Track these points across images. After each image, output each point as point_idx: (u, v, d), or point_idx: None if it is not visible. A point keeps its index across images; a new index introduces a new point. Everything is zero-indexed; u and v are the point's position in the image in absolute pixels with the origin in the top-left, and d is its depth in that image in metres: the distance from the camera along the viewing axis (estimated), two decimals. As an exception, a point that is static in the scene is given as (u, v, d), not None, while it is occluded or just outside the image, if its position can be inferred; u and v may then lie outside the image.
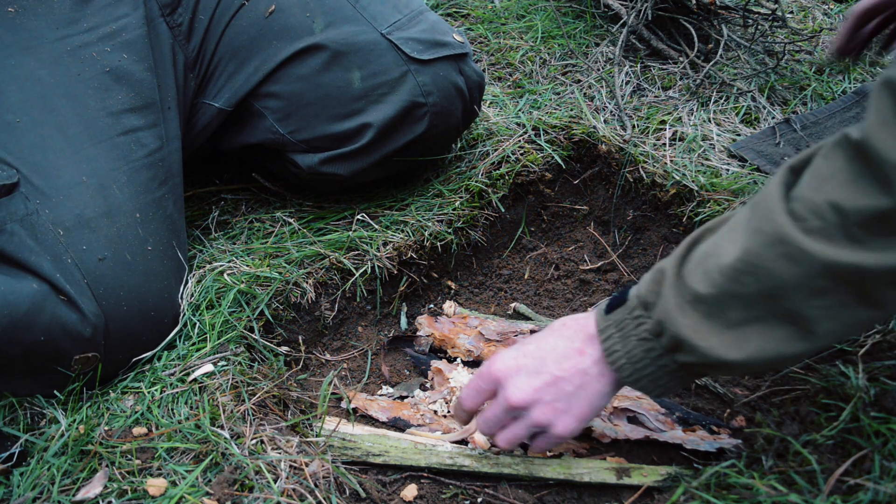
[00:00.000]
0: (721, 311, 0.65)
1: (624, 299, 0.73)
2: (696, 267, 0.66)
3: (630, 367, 0.71)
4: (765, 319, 0.64)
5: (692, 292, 0.66)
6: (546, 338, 0.78)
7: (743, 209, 0.67)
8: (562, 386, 0.75)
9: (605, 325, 0.73)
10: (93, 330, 0.82)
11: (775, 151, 1.29)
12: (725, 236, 0.66)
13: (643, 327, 0.70)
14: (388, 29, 1.04)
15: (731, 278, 0.63)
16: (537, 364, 0.76)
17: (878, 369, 0.82)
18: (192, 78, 1.05)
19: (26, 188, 0.85)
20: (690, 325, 0.66)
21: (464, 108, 1.12)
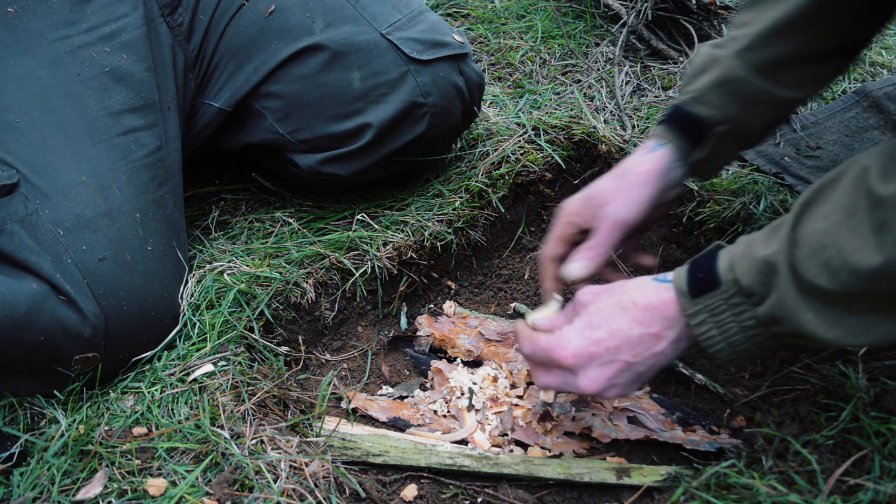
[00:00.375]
0: (846, 303, 0.63)
1: (715, 283, 0.70)
2: (812, 257, 0.63)
3: (729, 349, 0.71)
4: (892, 313, 0.62)
5: (810, 285, 0.63)
6: (617, 319, 0.75)
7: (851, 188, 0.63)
8: (635, 369, 0.76)
9: (695, 310, 0.71)
10: (93, 330, 0.82)
11: (775, 151, 1.29)
12: (846, 229, 0.62)
13: (746, 315, 0.68)
14: (388, 29, 1.04)
15: (865, 281, 0.60)
16: (610, 353, 0.75)
17: (878, 369, 0.82)
18: (192, 78, 1.05)
19: (26, 188, 0.85)
20: (812, 320, 0.64)
21: (464, 109, 1.12)
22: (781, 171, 1.22)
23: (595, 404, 0.96)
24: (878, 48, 1.66)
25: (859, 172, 0.62)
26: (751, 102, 0.87)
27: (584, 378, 0.76)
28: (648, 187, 0.88)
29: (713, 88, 0.88)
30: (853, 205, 0.62)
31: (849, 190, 0.63)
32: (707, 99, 0.88)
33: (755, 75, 0.86)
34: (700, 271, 0.71)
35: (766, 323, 0.68)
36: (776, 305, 0.66)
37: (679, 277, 0.73)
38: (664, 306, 0.74)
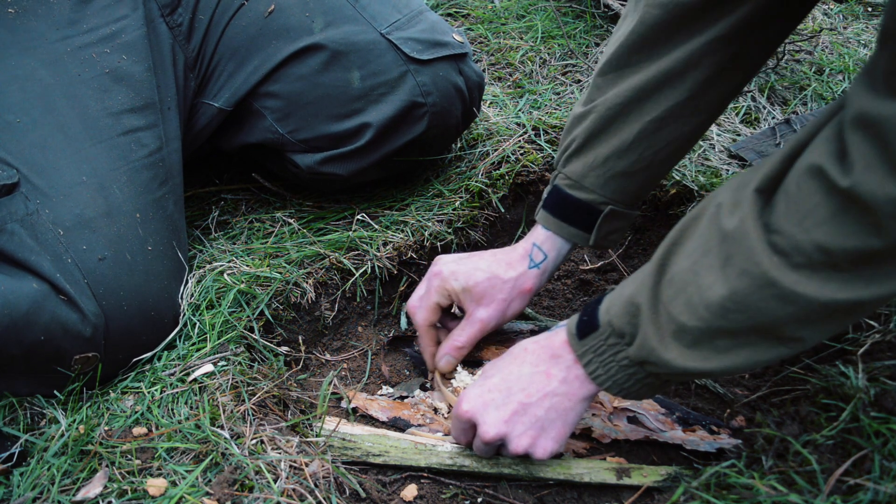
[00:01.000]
0: (708, 340, 0.65)
1: (594, 325, 0.73)
2: (676, 297, 0.66)
3: (617, 387, 0.73)
4: (754, 343, 0.64)
5: (676, 323, 0.66)
6: (508, 366, 0.80)
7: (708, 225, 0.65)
8: (532, 412, 0.77)
9: (583, 351, 0.75)
10: (93, 330, 0.82)
11: (775, 152, 1.29)
12: (702, 266, 0.64)
13: (622, 355, 0.72)
14: (388, 29, 1.04)
15: (718, 315, 0.63)
16: (503, 396, 0.78)
17: (878, 369, 0.82)
18: (193, 78, 1.05)
19: (26, 188, 0.85)
20: (677, 357, 0.66)
21: (463, 109, 1.12)
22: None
23: (595, 405, 0.96)
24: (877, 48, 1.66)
25: (715, 209, 0.65)
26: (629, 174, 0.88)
27: (484, 425, 0.78)
28: (522, 302, 0.94)
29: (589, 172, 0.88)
30: (708, 242, 0.64)
31: (706, 228, 0.65)
32: (585, 185, 0.89)
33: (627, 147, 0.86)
34: (586, 314, 0.75)
35: (638, 362, 0.71)
36: (642, 346, 0.69)
37: (571, 321, 0.77)
38: (550, 346, 0.78)
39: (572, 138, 0.90)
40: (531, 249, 0.93)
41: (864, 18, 1.87)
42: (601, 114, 0.87)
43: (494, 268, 0.92)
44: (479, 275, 0.92)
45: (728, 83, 0.84)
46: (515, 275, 0.92)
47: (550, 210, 0.93)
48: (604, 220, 0.90)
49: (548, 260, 0.93)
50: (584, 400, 0.77)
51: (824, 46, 1.67)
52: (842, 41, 1.72)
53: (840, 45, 1.69)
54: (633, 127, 0.85)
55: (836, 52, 1.66)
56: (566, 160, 0.91)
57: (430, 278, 0.96)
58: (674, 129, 0.86)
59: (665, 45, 0.81)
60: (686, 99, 0.83)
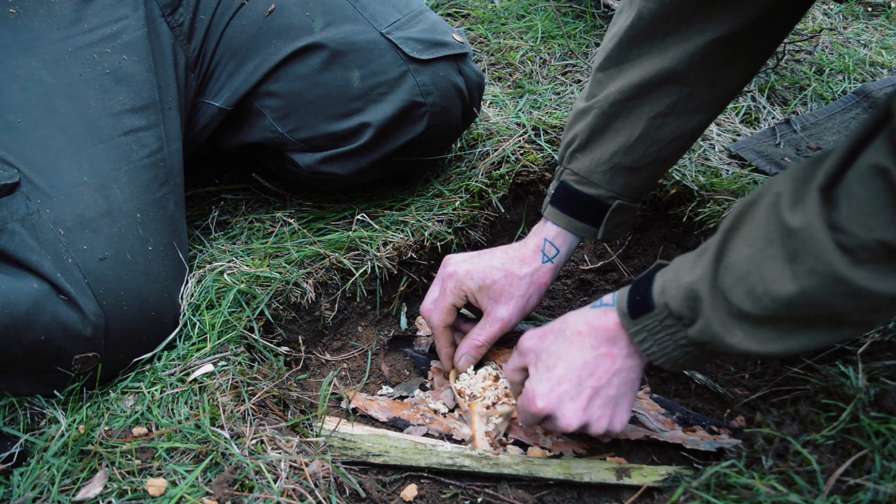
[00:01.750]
0: (772, 325, 0.66)
1: (649, 306, 0.74)
2: (737, 285, 0.67)
3: (671, 363, 0.75)
4: (817, 327, 0.65)
5: (737, 310, 0.67)
6: (568, 352, 0.80)
7: (767, 215, 0.65)
8: (605, 393, 0.79)
9: (636, 330, 0.75)
10: (93, 329, 0.82)
11: (775, 152, 1.29)
12: (765, 257, 0.65)
13: (679, 335, 0.73)
14: (388, 28, 1.04)
15: (785, 307, 0.64)
16: (574, 386, 0.79)
17: (878, 369, 0.82)
18: (194, 78, 1.05)
19: (27, 188, 0.85)
20: (741, 341, 0.68)
21: (463, 109, 1.12)
22: (781, 172, 1.22)
23: None
24: (877, 48, 1.66)
25: (774, 199, 0.65)
26: (634, 169, 0.89)
27: (563, 419, 0.79)
28: (539, 297, 0.96)
29: (595, 168, 0.90)
30: (769, 233, 0.65)
31: (765, 217, 0.66)
32: (593, 180, 0.90)
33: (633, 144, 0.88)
34: (637, 294, 0.76)
35: (697, 343, 0.72)
36: (704, 330, 0.70)
37: (621, 299, 0.78)
38: (605, 328, 0.79)
39: (575, 134, 0.91)
40: (543, 245, 0.94)
41: (864, 18, 1.87)
42: (604, 109, 0.87)
43: (509, 265, 0.93)
44: (495, 273, 0.93)
45: (730, 80, 0.85)
46: (531, 270, 0.93)
47: (559, 206, 0.93)
48: (612, 214, 0.92)
49: (560, 254, 0.94)
50: (641, 370, 0.79)
51: (824, 46, 1.67)
52: (842, 41, 1.72)
53: (840, 45, 1.69)
54: (637, 123, 0.86)
55: (836, 52, 1.66)
56: (571, 156, 0.92)
57: (443, 280, 0.96)
58: (678, 125, 0.86)
59: (664, 41, 0.82)
60: (689, 95, 0.84)
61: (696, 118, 0.86)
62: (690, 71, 0.82)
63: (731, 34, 0.79)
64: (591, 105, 0.89)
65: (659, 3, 0.80)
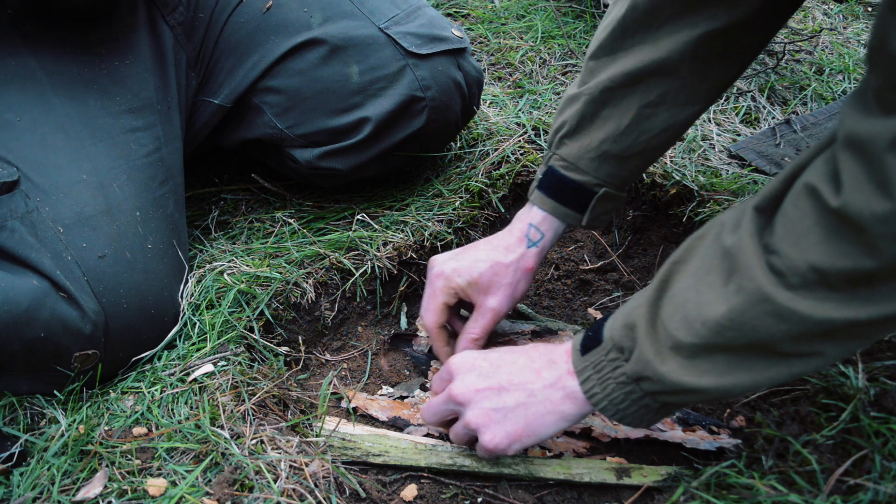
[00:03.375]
0: (706, 356, 0.64)
1: (598, 339, 0.72)
2: (674, 313, 0.65)
3: (613, 407, 0.71)
4: (750, 359, 0.63)
5: (672, 339, 0.65)
6: (512, 353, 0.81)
7: (710, 244, 0.65)
8: (503, 396, 0.77)
9: (583, 367, 0.73)
10: (93, 327, 0.82)
11: (775, 152, 1.29)
12: (703, 284, 0.64)
13: (619, 371, 0.70)
14: (387, 23, 1.04)
15: (715, 332, 0.62)
16: (491, 370, 0.79)
17: (878, 369, 0.82)
18: (194, 76, 1.05)
19: (27, 186, 0.85)
20: (673, 370, 0.65)
21: (463, 104, 1.12)
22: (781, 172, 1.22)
23: None
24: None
25: (718, 228, 0.65)
26: (622, 157, 0.89)
27: (459, 382, 0.79)
28: (527, 282, 0.95)
29: (584, 154, 0.89)
30: (711, 260, 0.64)
31: (709, 246, 0.65)
32: (581, 167, 0.90)
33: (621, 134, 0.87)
34: (592, 330, 0.75)
35: (635, 378, 0.69)
36: (638, 359, 0.68)
37: (577, 337, 0.77)
38: (550, 351, 0.78)
39: (564, 120, 0.91)
40: (527, 230, 0.94)
41: (864, 18, 1.87)
42: (594, 96, 0.87)
43: (494, 255, 0.93)
44: (481, 265, 0.93)
45: (722, 73, 0.84)
46: (516, 257, 0.93)
47: (545, 191, 0.93)
48: (597, 201, 0.91)
49: (545, 238, 0.94)
50: (560, 414, 0.75)
51: (824, 46, 1.67)
52: (842, 41, 1.72)
53: (840, 45, 1.69)
54: (627, 112, 0.86)
55: (836, 52, 1.66)
56: (559, 141, 0.92)
57: (432, 281, 0.96)
58: (668, 116, 0.86)
59: (658, 31, 0.81)
60: (680, 86, 0.83)
61: (686, 110, 0.86)
62: (683, 63, 0.81)
63: (726, 28, 0.78)
64: (582, 92, 0.88)
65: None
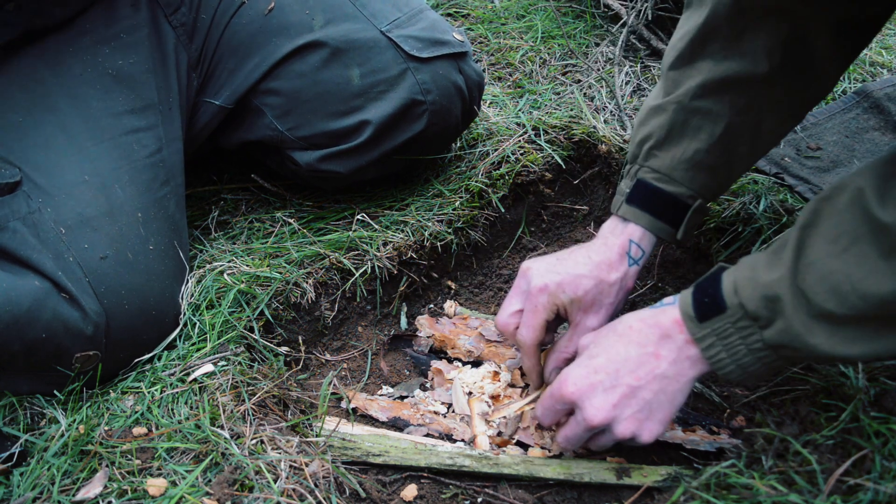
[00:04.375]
0: (856, 323, 0.64)
1: (720, 307, 0.70)
2: (819, 282, 0.64)
3: (739, 370, 0.71)
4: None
5: (819, 309, 0.64)
6: (614, 345, 0.77)
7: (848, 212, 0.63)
8: (641, 395, 0.75)
9: (703, 334, 0.72)
10: (94, 328, 0.82)
11: (775, 152, 1.29)
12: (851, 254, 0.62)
13: (753, 338, 0.69)
14: (388, 27, 1.04)
15: (877, 306, 0.62)
16: (611, 378, 0.75)
17: (878, 369, 0.82)
18: (195, 77, 1.05)
19: (28, 187, 0.85)
20: (823, 342, 0.65)
21: (463, 107, 1.12)
22: (781, 172, 1.22)
23: None
24: (878, 48, 1.66)
25: (854, 194, 0.63)
26: (714, 168, 0.87)
27: (590, 408, 0.76)
28: (624, 301, 0.92)
29: (677, 165, 0.88)
30: (855, 230, 0.63)
31: (848, 213, 0.64)
32: (675, 178, 0.88)
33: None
34: (705, 296, 0.72)
35: (774, 346, 0.69)
36: (783, 331, 0.67)
37: (685, 302, 0.74)
38: (659, 324, 0.75)
39: (650, 131, 0.89)
40: (629, 247, 0.90)
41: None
42: (683, 105, 0.85)
43: (598, 272, 0.88)
44: (586, 282, 0.88)
45: (808, 86, 0.83)
46: (620, 276, 0.89)
47: (639, 205, 0.89)
48: (693, 214, 0.89)
49: (644, 256, 0.91)
50: (692, 381, 0.75)
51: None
52: (842, 41, 1.72)
53: (840, 45, 1.69)
54: (719, 120, 0.84)
55: (835, 53, 1.66)
56: (648, 153, 0.89)
57: (532, 294, 0.89)
58: (756, 125, 0.84)
59: (740, 38, 0.80)
60: (769, 93, 0.82)
61: (774, 119, 0.84)
62: (771, 72, 0.80)
63: (805, 41, 0.76)
64: (668, 101, 0.86)
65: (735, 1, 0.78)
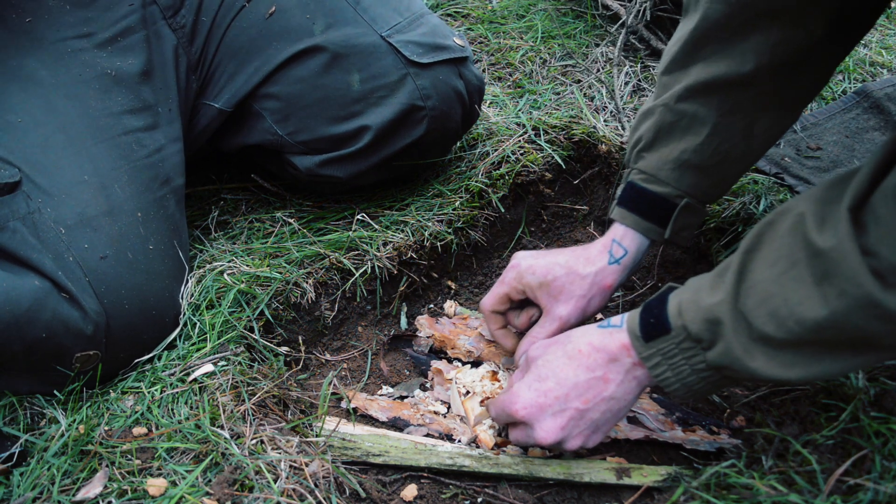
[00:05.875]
0: (794, 348, 0.64)
1: (665, 328, 0.72)
2: (759, 307, 0.65)
3: (684, 389, 0.73)
4: (841, 351, 0.63)
5: (759, 333, 0.65)
6: (563, 369, 0.79)
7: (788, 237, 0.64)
8: (588, 416, 0.78)
9: (649, 354, 0.74)
10: (94, 327, 0.82)
11: (775, 152, 1.29)
12: (789, 279, 0.63)
13: (697, 359, 0.71)
14: (389, 32, 1.04)
15: (813, 330, 0.62)
16: (560, 402, 0.78)
17: (878, 369, 0.82)
18: (195, 80, 1.05)
19: (28, 187, 0.85)
20: (762, 365, 0.66)
21: (463, 112, 1.12)
22: (781, 172, 1.22)
23: None
24: (878, 48, 1.66)
25: (796, 219, 0.64)
26: (703, 168, 0.88)
27: (540, 430, 0.79)
28: (602, 299, 0.93)
29: (663, 165, 0.89)
30: (793, 254, 0.63)
31: (788, 237, 0.64)
32: (661, 178, 0.89)
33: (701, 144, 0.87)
34: (651, 316, 0.74)
35: (716, 367, 0.70)
36: (724, 353, 0.68)
37: (632, 322, 0.76)
38: (607, 349, 0.77)
39: (640, 134, 0.90)
40: (610, 245, 0.92)
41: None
42: (670, 107, 0.87)
43: (573, 263, 0.91)
44: (557, 270, 0.91)
45: (799, 83, 0.83)
46: (594, 270, 0.91)
47: (626, 206, 0.92)
48: (679, 213, 0.90)
49: (628, 255, 0.92)
50: (636, 396, 0.78)
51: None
52: (841, 41, 1.72)
53: (840, 45, 1.69)
54: (705, 121, 0.85)
55: (835, 53, 1.66)
56: (637, 155, 0.91)
57: (505, 271, 0.96)
58: (747, 125, 0.85)
59: (730, 41, 0.81)
60: (757, 96, 0.83)
61: (766, 121, 0.85)
62: (758, 73, 0.81)
63: (797, 40, 0.77)
64: (657, 105, 0.88)
65: (725, 4, 0.79)
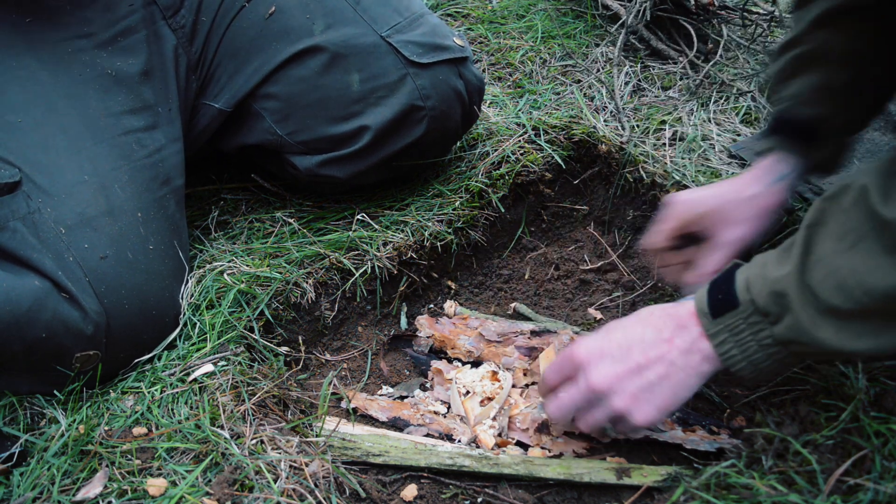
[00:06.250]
0: (862, 318, 0.65)
1: (733, 303, 0.72)
2: (826, 279, 0.65)
3: (751, 367, 0.72)
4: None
5: (826, 304, 0.65)
6: (633, 326, 0.79)
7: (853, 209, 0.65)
8: (645, 375, 0.76)
9: (716, 330, 0.73)
10: (94, 328, 0.82)
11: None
12: (856, 251, 0.64)
13: (764, 333, 0.70)
14: (388, 32, 1.04)
15: (881, 300, 0.62)
16: (622, 352, 0.77)
17: (878, 369, 0.82)
18: (195, 80, 1.05)
19: (28, 187, 0.85)
20: (830, 337, 0.66)
21: (463, 112, 1.12)
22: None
23: None
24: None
25: (860, 192, 0.65)
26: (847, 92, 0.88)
27: (595, 372, 0.77)
28: (768, 219, 0.91)
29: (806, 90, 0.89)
30: (860, 227, 0.64)
31: (853, 211, 0.65)
32: (806, 101, 0.89)
33: None
34: (719, 292, 0.73)
35: (783, 342, 0.70)
36: (792, 326, 0.68)
37: (700, 299, 0.75)
38: (677, 314, 0.76)
39: (780, 66, 0.91)
40: (767, 169, 0.91)
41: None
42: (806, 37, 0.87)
43: (733, 187, 0.90)
44: (721, 196, 0.90)
45: None
46: (757, 191, 0.90)
47: (774, 133, 0.92)
48: (823, 136, 0.90)
49: (789, 175, 0.91)
50: (699, 376, 0.75)
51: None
52: (841, 41, 1.72)
53: (840, 45, 1.69)
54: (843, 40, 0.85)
55: (835, 53, 1.66)
56: (780, 84, 0.92)
57: (669, 205, 0.94)
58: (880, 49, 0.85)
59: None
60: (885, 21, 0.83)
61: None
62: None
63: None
64: (793, 38, 0.89)
65: None
